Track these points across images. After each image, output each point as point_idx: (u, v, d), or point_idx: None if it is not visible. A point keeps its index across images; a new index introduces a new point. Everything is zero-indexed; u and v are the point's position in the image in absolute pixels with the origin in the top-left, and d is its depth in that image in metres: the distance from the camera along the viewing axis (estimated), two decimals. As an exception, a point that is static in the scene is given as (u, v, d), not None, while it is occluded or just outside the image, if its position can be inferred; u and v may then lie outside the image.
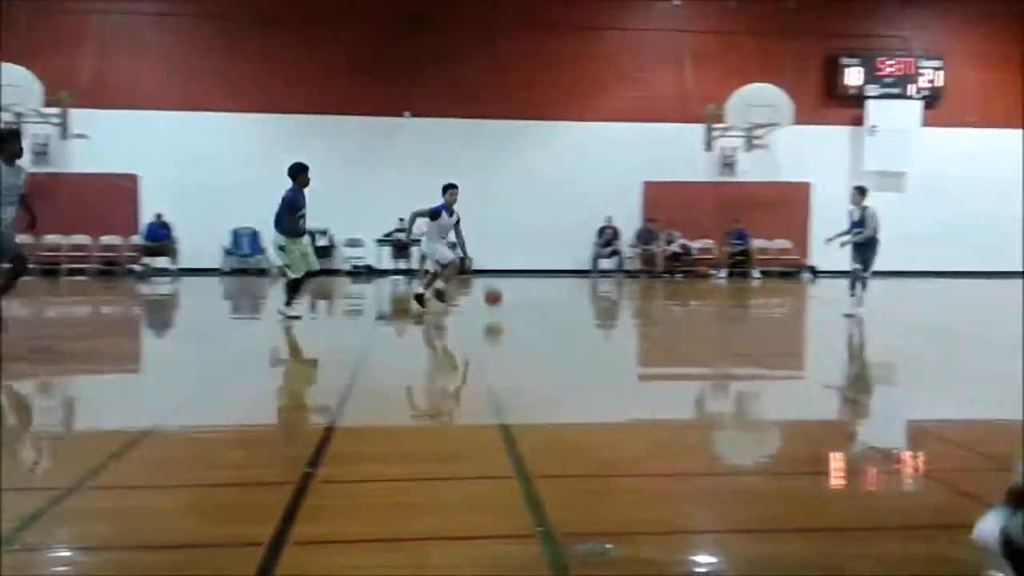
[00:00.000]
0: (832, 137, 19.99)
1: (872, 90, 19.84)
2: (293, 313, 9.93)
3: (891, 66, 19.89)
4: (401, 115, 19.16)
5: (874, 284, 11.31)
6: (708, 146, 19.59)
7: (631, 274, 19.19)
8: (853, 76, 19.86)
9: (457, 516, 3.54)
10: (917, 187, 19.45)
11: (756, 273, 19.33)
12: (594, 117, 19.59)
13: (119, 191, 18.61)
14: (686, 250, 19.38)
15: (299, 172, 9.89)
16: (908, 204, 18.86)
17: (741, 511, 3.73)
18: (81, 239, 18.46)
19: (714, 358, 8.27)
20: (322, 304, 13.32)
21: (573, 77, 19.56)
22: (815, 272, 19.46)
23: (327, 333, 10.48)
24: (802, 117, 19.01)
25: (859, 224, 10.97)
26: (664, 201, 19.43)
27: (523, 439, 4.89)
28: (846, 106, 20.05)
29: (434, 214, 10.66)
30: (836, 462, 4.78)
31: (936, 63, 19.93)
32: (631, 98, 19.60)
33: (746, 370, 7.68)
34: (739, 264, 19.43)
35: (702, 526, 3.57)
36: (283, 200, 9.80)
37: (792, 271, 19.52)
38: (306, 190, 9.93)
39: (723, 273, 19.27)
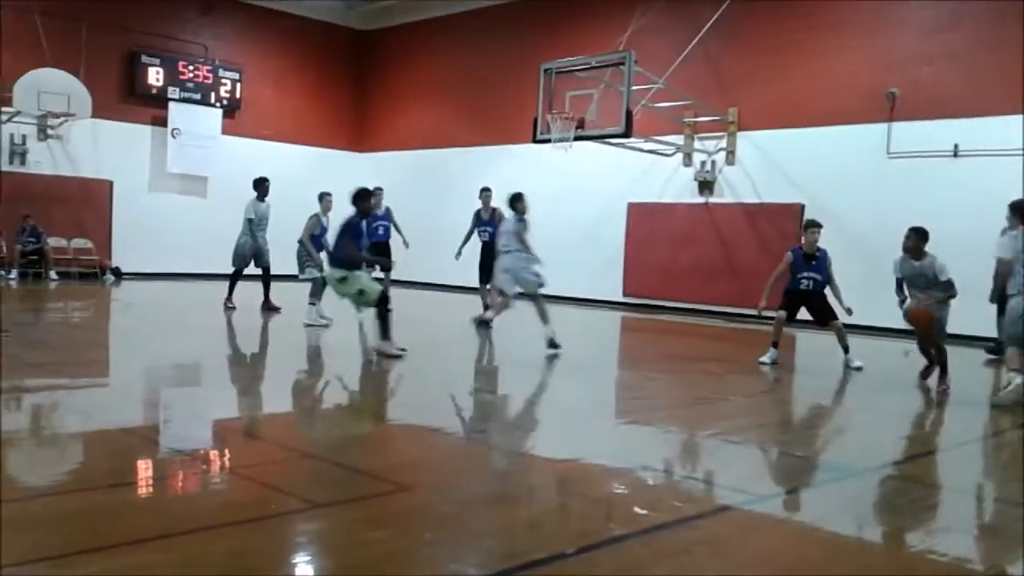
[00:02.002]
0: (134, 135, 19.49)
1: (174, 93, 19.89)
2: (394, 351, 8.54)
3: (192, 72, 20.21)
4: None
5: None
6: (-8, 131, 17.44)
7: None
8: (154, 76, 19.65)
9: None
10: (218, 192, 20.02)
11: (54, 274, 17.83)
12: None
13: None
14: (-34, 248, 16.91)
15: (362, 198, 8.83)
16: (211, 208, 19.50)
17: (36, 537, 3.34)
18: None
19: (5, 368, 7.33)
20: None
21: None
22: (119, 274, 18.76)
23: None
24: (102, 111, 18.16)
25: None
26: (-64, 190, 16.64)
27: None
28: (148, 105, 19.72)
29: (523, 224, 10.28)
30: (142, 470, 4.63)
31: (234, 75, 20.85)
32: None
33: (43, 380, 6.99)
34: (33, 264, 17.69)
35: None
36: (343, 227, 8.67)
37: (93, 272, 18.49)
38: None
39: (14, 274, 17.31)
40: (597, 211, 17.48)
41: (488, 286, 12.04)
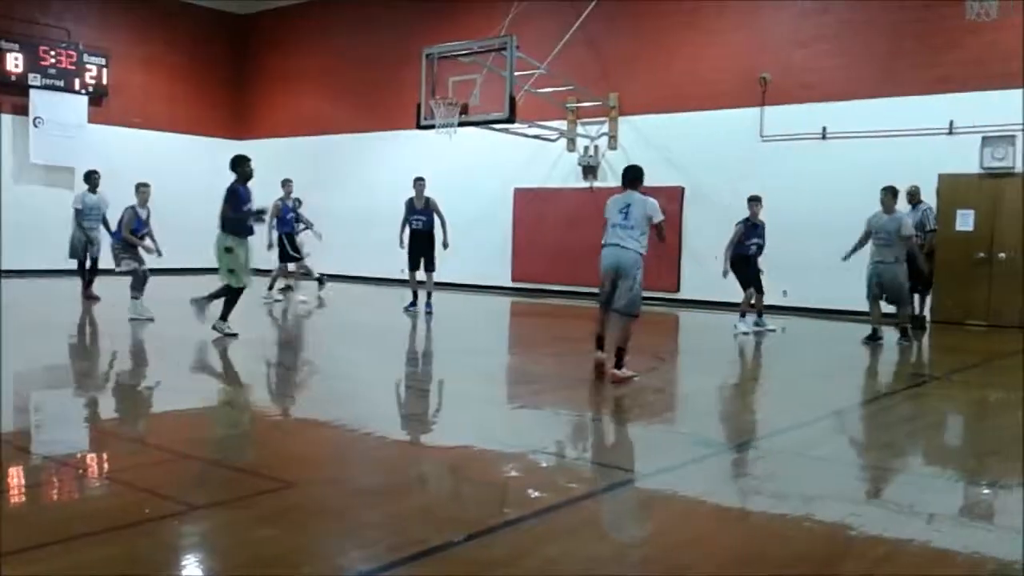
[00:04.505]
0: (-3, 124, 18.36)
1: (35, 79, 18.78)
2: (231, 330, 8.95)
3: (54, 57, 19.11)
4: None
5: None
6: None
7: None
8: (12, 62, 18.49)
9: None
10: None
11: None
12: None
13: None
14: None
15: (239, 163, 8.98)
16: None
17: None
18: None
19: None
20: None
21: None
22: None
23: None
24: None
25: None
26: None
27: None
28: (8, 92, 18.57)
29: None
30: (13, 478, 4.37)
31: (100, 60, 19.81)
32: None
33: None
34: None
35: None
36: (227, 193, 8.83)
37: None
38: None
39: None
40: (485, 197, 17.48)
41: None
